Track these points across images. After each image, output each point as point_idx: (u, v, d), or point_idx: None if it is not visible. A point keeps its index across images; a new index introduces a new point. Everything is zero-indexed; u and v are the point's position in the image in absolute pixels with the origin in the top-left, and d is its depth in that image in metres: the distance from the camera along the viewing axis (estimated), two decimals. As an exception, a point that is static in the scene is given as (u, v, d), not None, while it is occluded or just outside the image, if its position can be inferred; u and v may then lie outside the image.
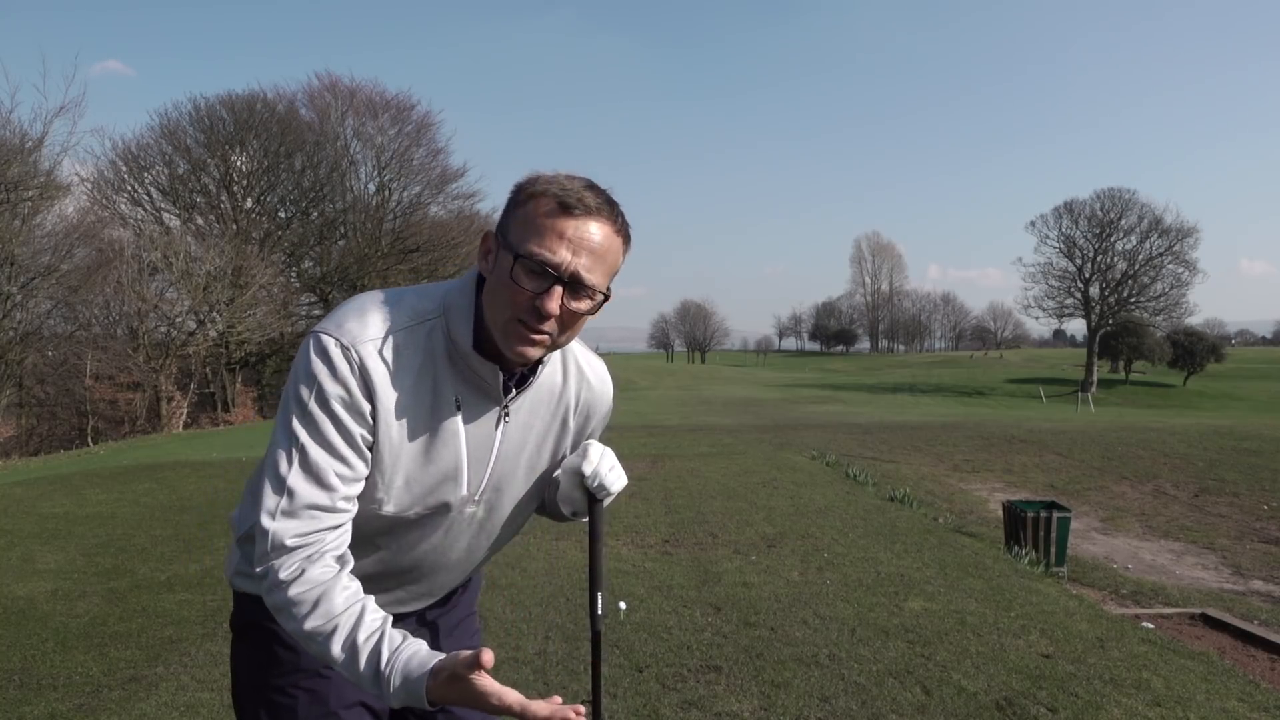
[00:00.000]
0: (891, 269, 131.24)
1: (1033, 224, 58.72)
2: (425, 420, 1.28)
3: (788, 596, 4.88)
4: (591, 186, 1.23)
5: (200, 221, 32.78)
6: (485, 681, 1.08)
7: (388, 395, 1.24)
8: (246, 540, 1.40)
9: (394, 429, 1.26)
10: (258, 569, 1.20)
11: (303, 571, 1.17)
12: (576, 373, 1.43)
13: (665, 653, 3.93)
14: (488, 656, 1.07)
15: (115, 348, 24.74)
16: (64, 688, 3.63)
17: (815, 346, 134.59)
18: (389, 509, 1.30)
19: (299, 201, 36.23)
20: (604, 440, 1.51)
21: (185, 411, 26.18)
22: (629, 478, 1.53)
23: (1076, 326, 72.04)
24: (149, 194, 33.07)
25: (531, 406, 1.38)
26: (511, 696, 1.09)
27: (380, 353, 1.23)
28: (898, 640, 4.13)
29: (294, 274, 35.87)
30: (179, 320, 26.91)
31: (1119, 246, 56.39)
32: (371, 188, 38.15)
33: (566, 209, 1.20)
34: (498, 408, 1.33)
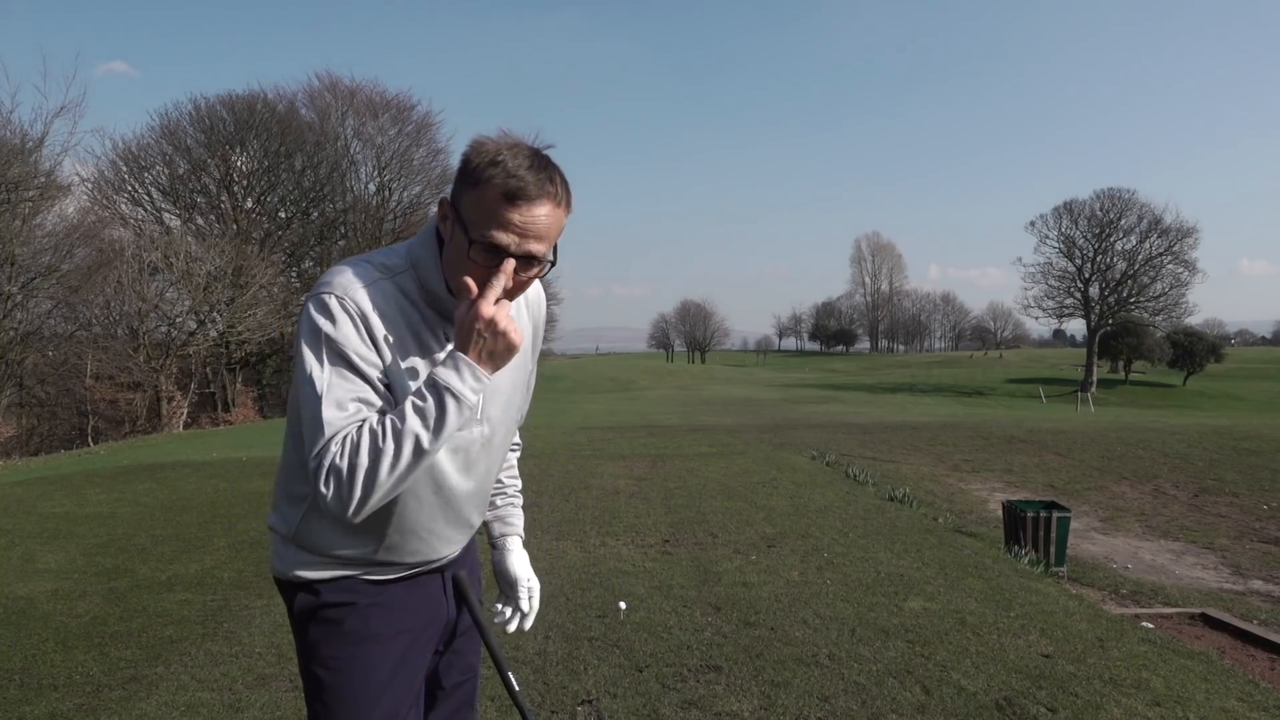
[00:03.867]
0: (891, 269, 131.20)
1: (1032, 224, 58.66)
2: (421, 356, 1.44)
3: (788, 596, 4.88)
4: (534, 165, 1.34)
5: (200, 221, 32.85)
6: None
7: (384, 332, 1.39)
8: (304, 533, 1.52)
9: (397, 362, 1.40)
10: (322, 490, 1.32)
11: (342, 453, 1.31)
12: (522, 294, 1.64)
13: (665, 652, 3.93)
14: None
15: (116, 348, 24.75)
16: (64, 688, 3.64)
17: (815, 346, 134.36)
18: None
19: (299, 202, 36.26)
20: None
21: (185, 411, 26.19)
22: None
23: (1076, 326, 71.99)
24: (149, 194, 33.12)
25: None
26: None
27: (370, 296, 1.39)
28: (898, 640, 4.13)
29: (294, 274, 35.89)
30: (179, 320, 26.93)
31: (1119, 246, 56.35)
32: (372, 188, 38.20)
33: (512, 199, 1.33)
34: None
